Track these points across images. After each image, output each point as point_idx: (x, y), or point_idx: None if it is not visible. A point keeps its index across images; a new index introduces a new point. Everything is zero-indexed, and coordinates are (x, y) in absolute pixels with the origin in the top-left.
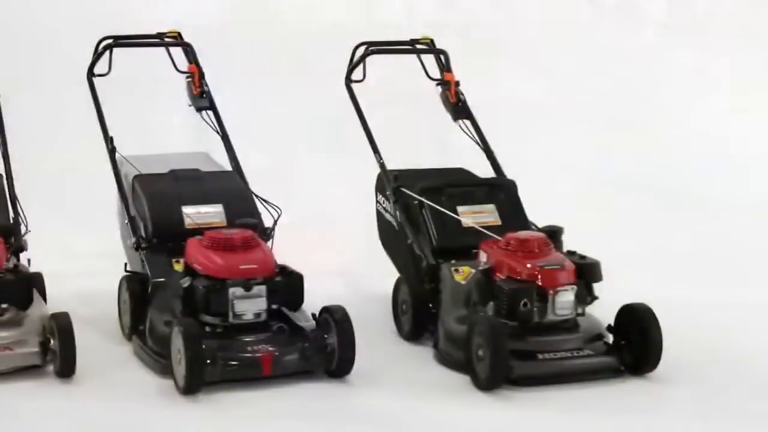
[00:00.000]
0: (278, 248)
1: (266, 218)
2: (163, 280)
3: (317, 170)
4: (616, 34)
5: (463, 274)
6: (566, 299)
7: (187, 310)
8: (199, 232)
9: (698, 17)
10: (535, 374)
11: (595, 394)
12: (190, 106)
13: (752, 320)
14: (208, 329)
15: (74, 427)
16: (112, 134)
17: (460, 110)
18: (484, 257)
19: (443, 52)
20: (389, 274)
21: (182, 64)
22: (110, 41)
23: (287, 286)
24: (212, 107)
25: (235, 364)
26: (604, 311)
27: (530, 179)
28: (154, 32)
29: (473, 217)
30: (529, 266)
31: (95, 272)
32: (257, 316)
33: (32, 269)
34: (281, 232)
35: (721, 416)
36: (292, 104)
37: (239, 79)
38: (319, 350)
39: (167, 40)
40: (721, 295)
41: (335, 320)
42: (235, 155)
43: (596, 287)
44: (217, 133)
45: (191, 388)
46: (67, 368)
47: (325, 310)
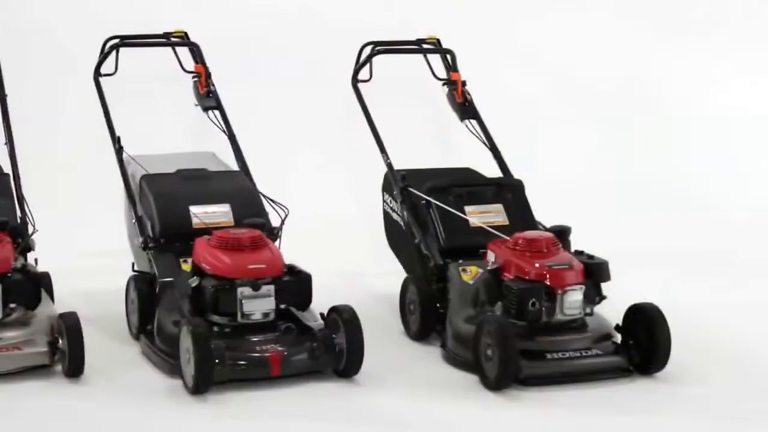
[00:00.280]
0: (285, 248)
1: (273, 218)
2: (171, 279)
3: (323, 170)
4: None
5: (470, 274)
6: (575, 299)
7: (195, 309)
8: (206, 231)
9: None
10: (543, 374)
11: (603, 393)
12: (196, 105)
13: (761, 320)
14: (216, 329)
15: (83, 426)
16: (118, 134)
17: (466, 110)
18: (492, 257)
19: (450, 51)
20: (395, 273)
21: (189, 63)
22: (117, 41)
23: (295, 285)
24: (219, 107)
25: (244, 363)
26: (612, 311)
27: (535, 179)
28: (160, 32)
29: (481, 216)
30: (537, 266)
31: (101, 272)
32: (265, 315)
33: (39, 269)
34: (287, 232)
35: (729, 416)
36: (297, 104)
37: (244, 78)
38: (327, 350)
39: (174, 39)
40: (729, 294)
41: (344, 320)
42: (242, 155)
43: (604, 287)
44: (223, 132)
45: (200, 387)
46: (75, 368)
47: (333, 309)
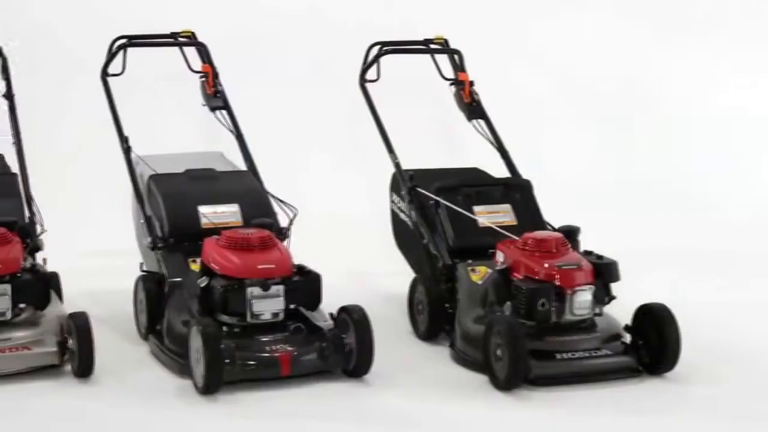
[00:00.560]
0: (293, 248)
1: (281, 218)
2: (179, 279)
3: (330, 170)
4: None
5: (479, 274)
6: (584, 299)
7: (204, 309)
8: (215, 231)
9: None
10: (553, 374)
11: (612, 394)
12: (204, 105)
13: None
14: (225, 329)
15: (94, 426)
16: (126, 134)
17: (474, 110)
18: (501, 257)
19: (457, 51)
20: (403, 273)
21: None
22: (124, 41)
23: (305, 285)
24: (226, 107)
25: (253, 363)
26: (621, 311)
27: (542, 179)
28: (167, 32)
29: (489, 216)
30: (546, 266)
31: (107, 271)
32: (275, 315)
33: (47, 269)
34: (294, 231)
35: (738, 415)
36: (304, 104)
37: (251, 78)
38: (337, 350)
39: (181, 39)
40: (737, 294)
41: (354, 320)
42: (249, 155)
43: (613, 287)
44: (231, 132)
45: (210, 387)
46: (85, 368)
47: (343, 309)
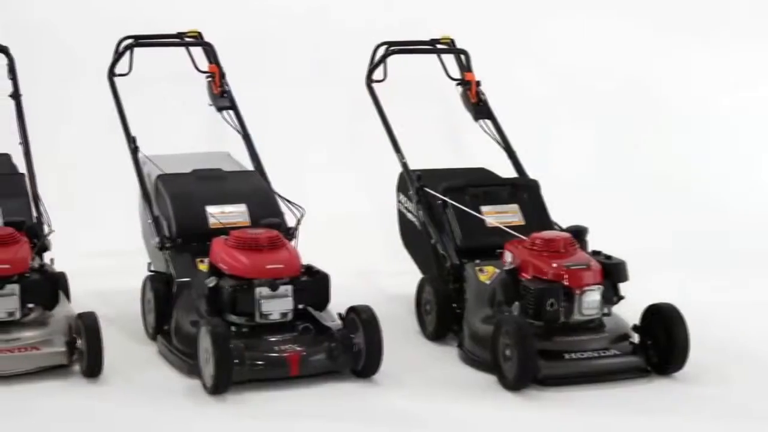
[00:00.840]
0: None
1: (287, 218)
2: (188, 279)
3: (335, 170)
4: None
5: (487, 274)
6: (593, 299)
7: (212, 309)
8: (222, 231)
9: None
10: (561, 374)
11: (621, 394)
12: (210, 105)
13: None
14: (233, 329)
15: (103, 426)
16: (133, 134)
17: (481, 110)
18: (509, 257)
19: (464, 51)
20: (409, 273)
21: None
22: (131, 41)
23: (313, 285)
24: (233, 107)
25: (262, 364)
26: (629, 311)
27: (549, 179)
28: (174, 32)
29: (497, 217)
30: (555, 266)
31: (113, 271)
32: (283, 315)
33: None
34: (300, 231)
35: (747, 416)
36: (309, 103)
37: (257, 78)
38: (346, 350)
39: (188, 39)
40: (746, 294)
41: (362, 320)
42: (257, 155)
43: (621, 287)
44: (238, 132)
45: (219, 388)
46: (94, 368)
47: (351, 309)
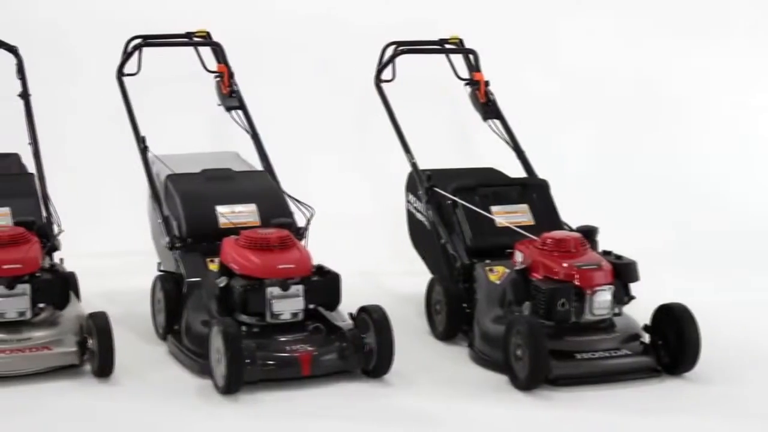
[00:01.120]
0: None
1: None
2: (198, 279)
3: (340, 170)
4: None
5: (497, 273)
6: (604, 299)
7: (223, 309)
8: (232, 231)
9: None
10: (573, 374)
11: (632, 394)
12: (219, 105)
13: None
14: (244, 329)
15: (115, 426)
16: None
17: (489, 110)
18: (519, 257)
19: (472, 51)
20: (417, 273)
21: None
22: (139, 41)
23: (324, 285)
24: (242, 107)
25: (274, 363)
26: (639, 311)
27: (557, 179)
28: (175, 31)
29: (506, 216)
30: (566, 266)
31: (120, 271)
32: (294, 315)
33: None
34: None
35: (760, 415)
36: (315, 103)
37: (265, 78)
38: (357, 350)
39: (197, 39)
40: (756, 293)
41: (374, 320)
42: (266, 154)
43: (632, 287)
44: (247, 132)
45: (231, 387)
46: (105, 367)
47: (363, 309)
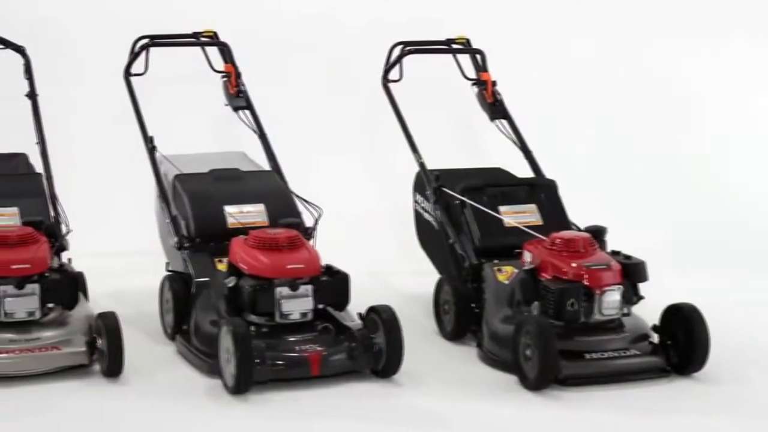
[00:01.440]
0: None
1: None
2: (207, 279)
3: (346, 170)
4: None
5: (505, 273)
6: (613, 299)
7: (232, 309)
8: (241, 231)
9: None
10: (582, 374)
11: (641, 394)
12: (226, 105)
13: None
14: (253, 329)
15: (125, 426)
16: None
17: (497, 110)
18: (528, 257)
19: (480, 51)
20: (425, 273)
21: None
22: (147, 41)
23: (333, 285)
24: (249, 107)
25: (283, 363)
26: (649, 311)
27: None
28: (190, 32)
29: (515, 217)
30: (575, 266)
31: (129, 271)
32: (303, 315)
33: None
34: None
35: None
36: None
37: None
38: (366, 350)
39: (204, 39)
40: (765, 293)
41: (383, 320)
42: (273, 154)
43: (641, 287)
44: (254, 132)
45: (241, 387)
46: (115, 367)
47: (372, 309)
